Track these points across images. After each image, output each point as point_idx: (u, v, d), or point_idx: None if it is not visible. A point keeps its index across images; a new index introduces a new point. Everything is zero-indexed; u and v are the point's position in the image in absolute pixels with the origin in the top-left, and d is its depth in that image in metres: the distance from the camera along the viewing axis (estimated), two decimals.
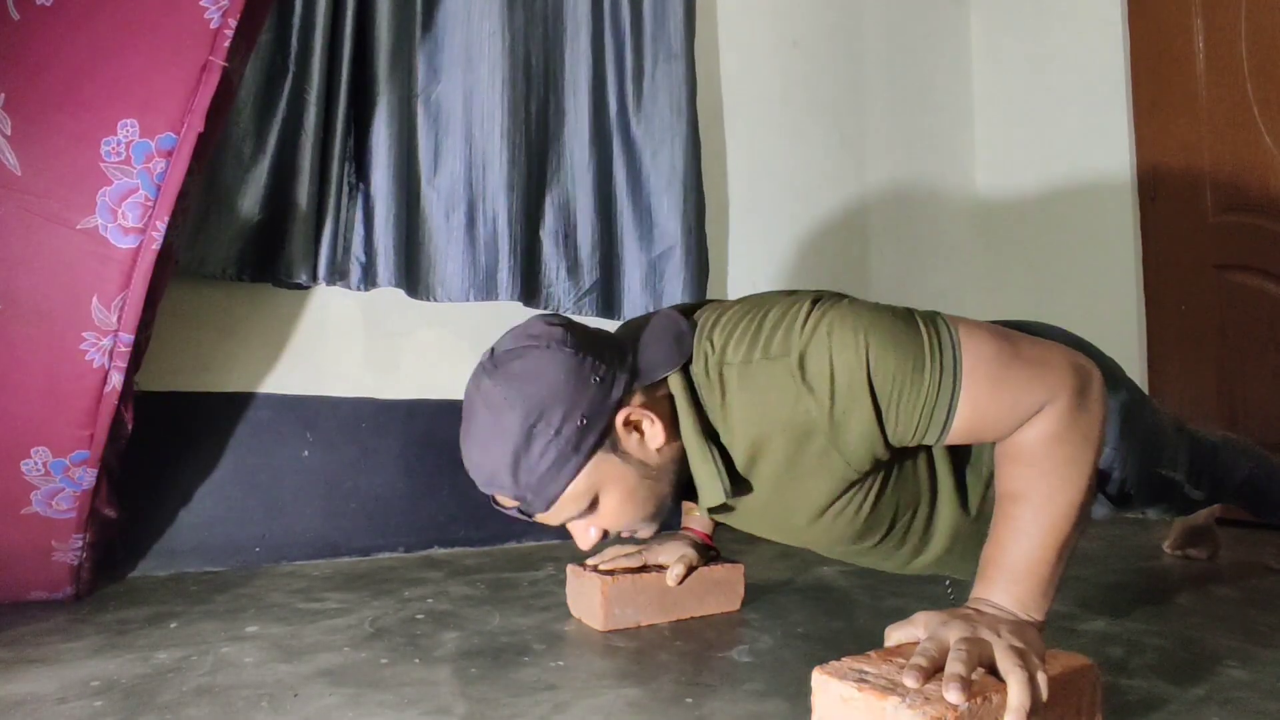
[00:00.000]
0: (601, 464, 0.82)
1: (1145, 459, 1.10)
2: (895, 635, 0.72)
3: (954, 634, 0.66)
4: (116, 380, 1.02)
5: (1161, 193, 2.34)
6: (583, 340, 0.84)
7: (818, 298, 0.83)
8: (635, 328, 0.93)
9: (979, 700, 0.58)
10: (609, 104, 1.87)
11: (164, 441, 1.40)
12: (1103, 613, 1.16)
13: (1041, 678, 0.61)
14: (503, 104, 1.70)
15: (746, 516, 0.96)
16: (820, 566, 1.50)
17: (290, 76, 1.47)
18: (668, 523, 1.98)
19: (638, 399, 0.85)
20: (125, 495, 1.23)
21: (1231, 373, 2.15)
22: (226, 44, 0.98)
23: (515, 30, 1.73)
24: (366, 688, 0.84)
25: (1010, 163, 2.66)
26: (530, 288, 1.75)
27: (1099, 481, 1.05)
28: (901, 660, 0.65)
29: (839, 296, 0.85)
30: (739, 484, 0.87)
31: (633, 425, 0.84)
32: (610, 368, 0.83)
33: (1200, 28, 2.27)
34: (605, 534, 0.89)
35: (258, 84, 1.46)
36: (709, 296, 1.98)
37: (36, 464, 1.02)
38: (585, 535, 0.88)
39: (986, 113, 2.70)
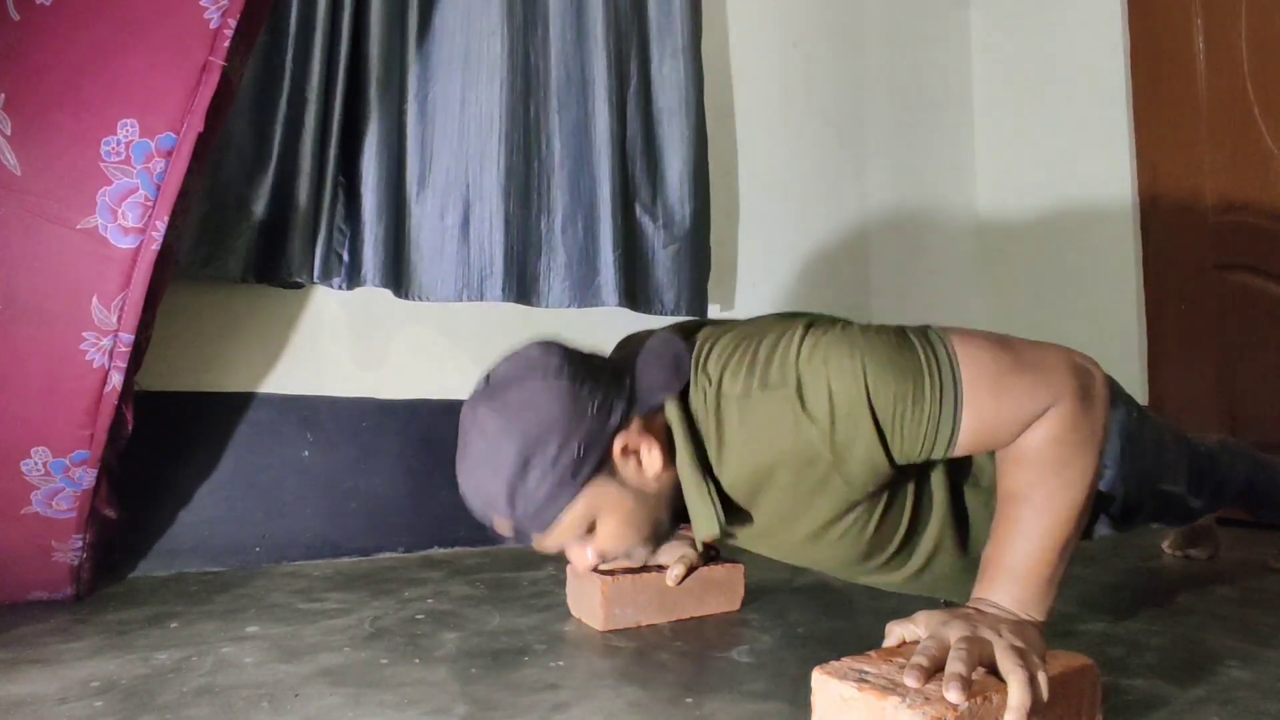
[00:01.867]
0: (598, 490, 0.82)
1: (1147, 477, 1.09)
2: (896, 632, 0.72)
3: (955, 633, 0.66)
4: (116, 380, 1.02)
5: (1162, 191, 2.34)
6: (580, 367, 0.84)
7: (811, 323, 0.83)
8: (632, 349, 0.92)
9: (979, 700, 0.58)
10: (611, 103, 1.87)
11: (164, 441, 1.40)
12: (1103, 613, 1.16)
13: (1042, 677, 0.61)
14: (501, 104, 1.70)
15: (748, 539, 0.96)
16: None
17: (288, 76, 1.47)
18: None
19: (635, 425, 0.85)
20: (125, 495, 1.23)
21: (1231, 373, 2.15)
22: (226, 44, 0.98)
23: (515, 30, 1.73)
24: (366, 688, 0.84)
25: (1010, 162, 2.65)
26: (526, 288, 1.75)
27: (1101, 504, 1.04)
28: (901, 660, 0.65)
29: (832, 321, 0.85)
30: (736, 515, 0.87)
31: (631, 452, 0.84)
32: (608, 395, 0.83)
33: (1200, 28, 2.27)
34: (602, 557, 0.89)
35: (257, 83, 1.46)
36: (710, 300, 1.98)
37: (36, 464, 1.02)
38: (582, 558, 0.88)
39: (986, 113, 2.70)
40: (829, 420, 0.77)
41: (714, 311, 2.06)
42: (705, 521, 0.84)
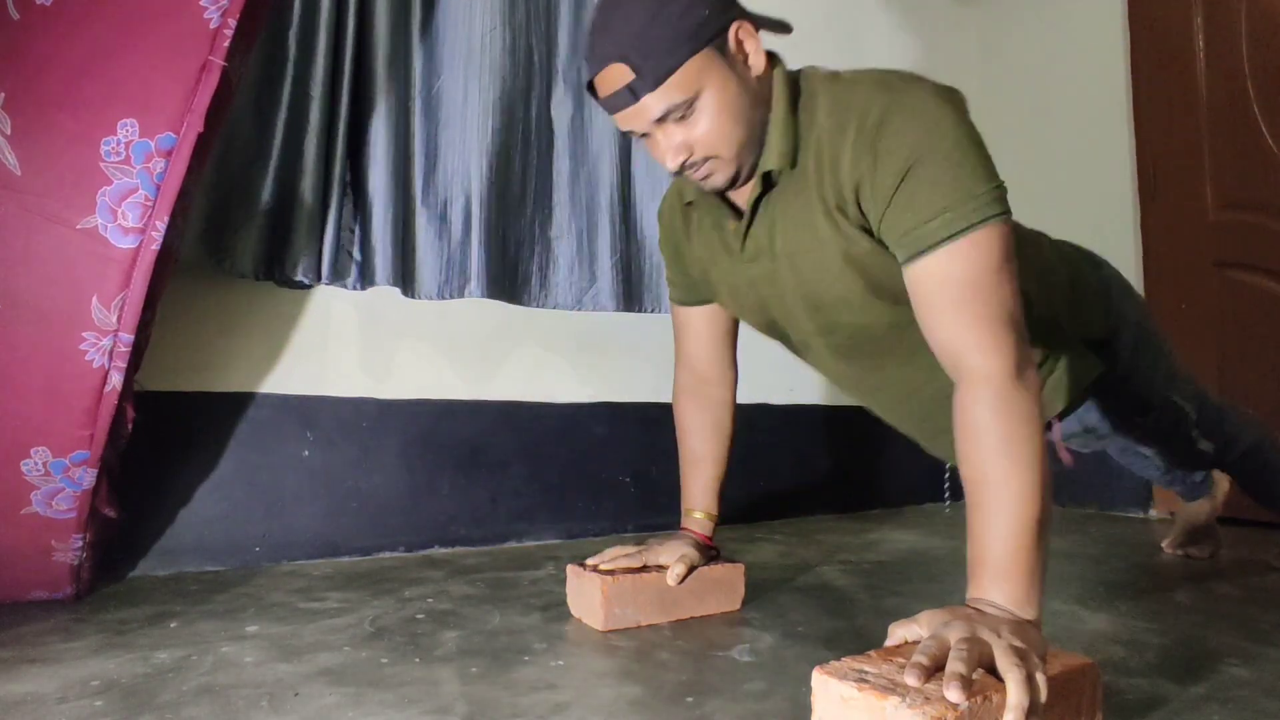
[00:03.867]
0: (711, 60, 0.87)
1: (1160, 368, 1.16)
2: (899, 632, 0.72)
3: (955, 633, 0.66)
4: (116, 380, 1.02)
5: (1162, 190, 2.34)
6: None
7: (945, 92, 0.89)
8: None
9: (979, 700, 0.58)
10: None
11: (164, 441, 1.40)
12: (1103, 612, 1.16)
13: (1041, 677, 0.62)
14: (503, 100, 1.70)
15: (768, 280, 1.00)
16: (820, 566, 1.51)
17: (291, 75, 1.47)
18: (668, 523, 1.97)
19: (749, 25, 0.91)
20: (125, 495, 1.23)
21: (1231, 371, 2.15)
22: (226, 44, 0.98)
23: (516, 26, 1.73)
24: (367, 687, 0.84)
25: (1010, 161, 2.66)
26: (528, 288, 1.75)
27: (1114, 384, 1.11)
28: (901, 660, 0.65)
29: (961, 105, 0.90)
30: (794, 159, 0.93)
31: (740, 43, 0.90)
32: None
33: (1200, 28, 2.27)
34: (686, 160, 0.91)
35: (260, 82, 1.46)
36: None
37: (36, 464, 1.02)
38: (672, 146, 0.90)
39: (986, 112, 2.70)
40: (889, 151, 0.83)
41: None
42: (779, 149, 0.91)
